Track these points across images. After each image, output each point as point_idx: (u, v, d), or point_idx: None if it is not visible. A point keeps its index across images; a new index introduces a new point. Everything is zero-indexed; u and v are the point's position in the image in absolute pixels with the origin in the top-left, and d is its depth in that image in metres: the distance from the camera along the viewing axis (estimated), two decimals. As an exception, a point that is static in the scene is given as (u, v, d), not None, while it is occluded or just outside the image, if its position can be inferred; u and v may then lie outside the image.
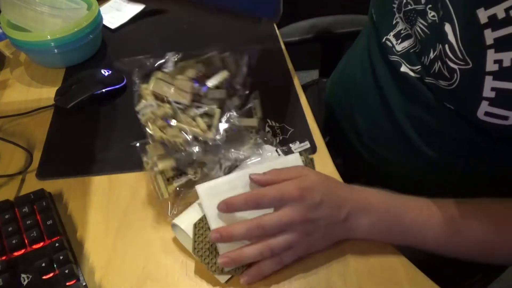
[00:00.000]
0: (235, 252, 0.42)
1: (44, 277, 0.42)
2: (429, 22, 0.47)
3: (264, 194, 0.43)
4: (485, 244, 0.46)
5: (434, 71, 0.46)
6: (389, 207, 0.46)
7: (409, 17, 0.50)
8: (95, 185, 0.53)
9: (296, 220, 0.42)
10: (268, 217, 0.43)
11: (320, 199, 0.43)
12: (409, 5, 0.50)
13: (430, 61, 0.46)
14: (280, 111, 0.64)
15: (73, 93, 0.63)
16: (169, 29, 0.82)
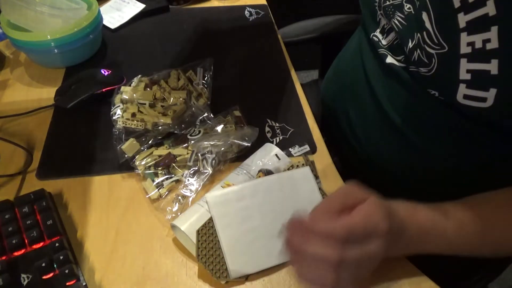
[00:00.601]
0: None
1: (44, 277, 0.42)
2: (405, 14, 0.49)
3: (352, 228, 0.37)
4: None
5: (414, 59, 0.48)
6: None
7: (387, 12, 0.52)
8: (95, 185, 0.53)
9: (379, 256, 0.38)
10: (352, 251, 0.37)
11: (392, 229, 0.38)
12: (388, 1, 0.52)
13: (410, 50, 0.48)
14: (280, 111, 0.64)
15: (73, 93, 0.63)
16: (169, 29, 0.82)
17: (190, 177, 0.53)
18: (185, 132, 0.57)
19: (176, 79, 0.63)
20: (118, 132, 0.56)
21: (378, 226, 0.37)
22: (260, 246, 0.45)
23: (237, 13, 0.87)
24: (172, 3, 0.90)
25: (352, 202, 0.39)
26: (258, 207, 0.47)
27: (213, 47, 0.77)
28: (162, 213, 0.50)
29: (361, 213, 0.37)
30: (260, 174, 0.51)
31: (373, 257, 0.38)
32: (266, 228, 0.46)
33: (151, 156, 0.53)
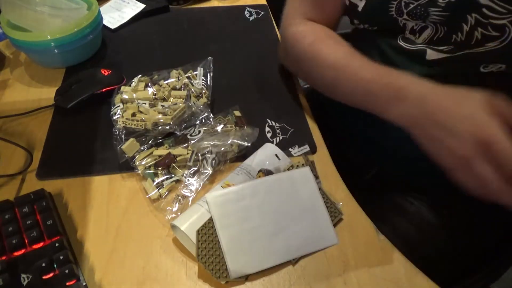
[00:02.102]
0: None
1: (44, 277, 0.42)
2: (442, 6, 0.48)
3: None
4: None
5: (476, 39, 0.47)
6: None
7: (417, 14, 0.50)
8: (95, 185, 0.53)
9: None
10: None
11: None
12: (411, 5, 0.50)
13: (467, 34, 0.47)
14: (280, 111, 0.64)
15: (73, 93, 0.63)
16: (169, 29, 0.82)
17: (190, 177, 0.53)
18: (185, 132, 0.57)
19: (176, 79, 0.63)
20: (118, 132, 0.56)
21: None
22: (260, 246, 0.45)
23: (237, 13, 0.87)
24: (172, 3, 0.90)
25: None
26: (258, 207, 0.47)
27: (213, 47, 0.77)
28: (162, 213, 0.50)
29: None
30: (260, 174, 0.51)
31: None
32: (266, 228, 0.46)
33: (151, 156, 0.53)
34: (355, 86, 0.52)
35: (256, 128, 0.56)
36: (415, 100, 0.45)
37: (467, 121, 0.41)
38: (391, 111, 0.47)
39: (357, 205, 0.52)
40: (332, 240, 0.47)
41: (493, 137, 0.39)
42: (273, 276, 0.45)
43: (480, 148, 0.40)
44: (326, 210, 0.49)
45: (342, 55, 0.55)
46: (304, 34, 0.60)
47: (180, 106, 0.58)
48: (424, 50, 0.53)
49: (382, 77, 0.49)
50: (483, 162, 0.40)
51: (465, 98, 0.43)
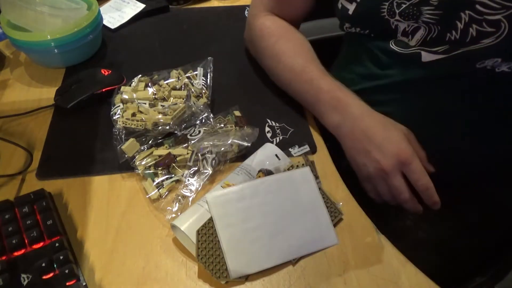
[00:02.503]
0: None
1: (44, 277, 0.42)
2: (435, 4, 0.48)
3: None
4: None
5: (472, 36, 0.47)
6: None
7: (409, 14, 0.51)
8: (95, 185, 0.53)
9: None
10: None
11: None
12: (403, 4, 0.51)
13: (462, 32, 0.48)
14: (280, 111, 0.64)
15: (73, 93, 0.63)
16: (169, 29, 0.82)
17: (190, 177, 0.53)
18: (185, 132, 0.57)
19: (176, 79, 0.63)
20: (118, 132, 0.56)
21: None
22: (260, 246, 0.45)
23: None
24: (172, 3, 0.90)
25: None
26: (258, 207, 0.47)
27: (213, 47, 0.77)
28: (162, 213, 0.50)
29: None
30: (260, 174, 0.51)
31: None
32: (266, 228, 0.46)
33: (151, 156, 0.53)
34: (307, 91, 0.59)
35: (256, 128, 0.56)
36: (354, 116, 0.54)
37: (393, 142, 0.51)
38: (332, 120, 0.56)
39: (357, 205, 0.52)
40: (332, 240, 0.47)
41: (410, 159, 0.49)
42: (273, 276, 0.45)
43: (399, 165, 0.50)
44: (326, 210, 0.49)
45: (301, 61, 0.60)
46: (270, 31, 0.65)
47: (180, 106, 0.58)
48: (418, 53, 0.53)
49: (333, 90, 0.56)
50: (399, 176, 0.50)
51: (392, 125, 0.53)
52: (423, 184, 0.50)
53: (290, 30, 0.65)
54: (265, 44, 0.65)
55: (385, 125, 0.53)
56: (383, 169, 0.50)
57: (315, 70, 0.59)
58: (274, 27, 0.65)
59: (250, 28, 0.69)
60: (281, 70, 0.63)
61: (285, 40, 0.63)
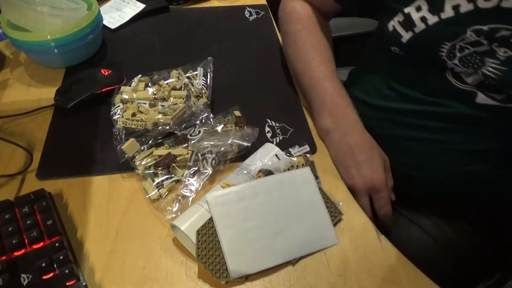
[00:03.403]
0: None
1: (44, 277, 0.42)
2: (502, 59, 0.45)
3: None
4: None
5: None
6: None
7: (470, 62, 0.48)
8: (95, 185, 0.53)
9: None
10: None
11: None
12: (466, 50, 0.47)
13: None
14: (280, 111, 0.64)
15: (73, 93, 0.63)
16: (169, 29, 0.82)
17: (190, 177, 0.53)
18: (185, 132, 0.57)
19: (176, 79, 0.63)
20: (118, 132, 0.56)
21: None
22: (260, 246, 0.45)
23: (237, 13, 0.87)
24: (172, 3, 0.90)
25: None
26: (258, 207, 0.47)
27: (213, 47, 0.77)
28: (162, 213, 0.50)
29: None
30: (260, 174, 0.51)
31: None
32: (266, 228, 0.46)
33: (151, 156, 0.53)
34: (313, 87, 0.61)
35: (256, 128, 0.56)
36: (346, 128, 0.56)
37: (372, 166, 0.53)
38: (323, 122, 0.58)
39: (357, 205, 0.52)
40: (332, 240, 0.47)
41: (381, 187, 0.53)
42: (273, 276, 0.45)
43: (369, 189, 0.53)
44: (326, 210, 0.49)
45: (316, 57, 0.62)
46: (297, 17, 0.66)
47: (180, 106, 0.58)
48: (475, 92, 0.50)
49: (336, 95, 0.58)
50: (365, 197, 0.54)
51: (377, 149, 0.55)
52: (385, 212, 0.54)
53: (316, 22, 0.65)
54: (289, 29, 0.67)
55: (371, 147, 0.55)
56: (355, 186, 0.54)
57: (326, 70, 0.60)
58: (302, 14, 0.66)
59: (282, 7, 0.70)
60: (296, 60, 0.65)
61: (307, 31, 0.64)
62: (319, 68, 0.61)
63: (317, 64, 0.61)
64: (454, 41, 0.47)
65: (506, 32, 0.44)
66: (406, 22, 0.51)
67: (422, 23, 0.49)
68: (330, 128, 0.57)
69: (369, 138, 0.56)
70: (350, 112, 0.57)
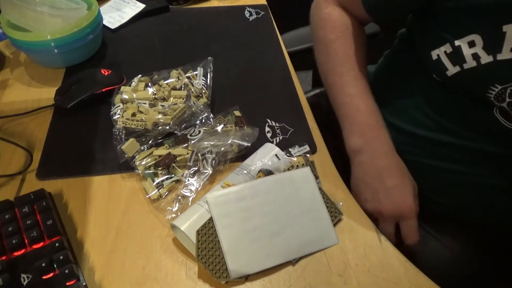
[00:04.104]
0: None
1: (44, 277, 0.42)
2: None
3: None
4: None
5: None
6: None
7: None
8: (95, 185, 0.53)
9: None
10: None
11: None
12: (510, 87, 0.44)
13: None
14: (280, 111, 0.64)
15: (73, 93, 0.63)
16: (169, 29, 0.82)
17: (190, 177, 0.53)
18: (185, 132, 0.57)
19: (176, 79, 0.63)
20: (118, 132, 0.56)
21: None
22: (260, 246, 0.45)
23: (237, 13, 0.87)
24: (172, 3, 0.90)
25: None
26: (258, 207, 0.47)
27: (213, 47, 0.77)
28: (162, 213, 0.50)
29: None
30: (260, 174, 0.51)
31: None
32: (266, 228, 0.46)
33: (151, 156, 0.53)
34: (344, 103, 0.58)
35: (256, 128, 0.56)
36: (377, 152, 0.54)
37: (402, 193, 0.51)
38: (354, 142, 0.56)
39: (357, 205, 0.52)
40: (332, 240, 0.47)
41: (411, 214, 0.51)
42: (273, 276, 0.45)
43: (397, 216, 0.51)
44: (326, 210, 0.49)
45: (351, 72, 0.59)
46: (333, 25, 0.61)
47: (180, 106, 0.58)
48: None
49: (369, 115, 0.56)
50: (392, 224, 0.52)
51: (408, 176, 0.53)
52: (412, 240, 0.52)
53: (352, 31, 0.61)
54: (323, 37, 0.63)
55: (402, 173, 0.53)
56: (381, 212, 0.51)
57: (360, 86, 0.58)
58: (338, 22, 0.61)
59: (315, 12, 0.66)
60: (329, 71, 0.61)
61: (343, 42, 0.60)
62: (353, 84, 0.58)
63: (351, 80, 0.58)
64: (507, 85, 0.44)
65: None
66: (455, 56, 0.47)
67: (474, 61, 0.45)
68: (359, 149, 0.55)
69: (401, 163, 0.54)
70: (383, 134, 0.55)
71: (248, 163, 0.53)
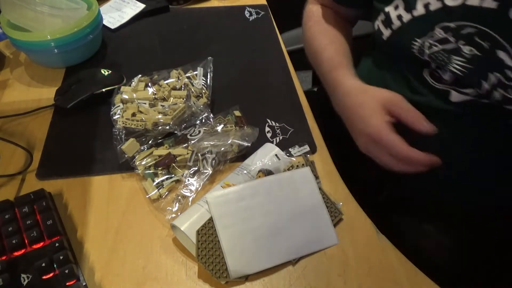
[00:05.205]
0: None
1: (44, 277, 0.42)
2: (468, 57, 0.46)
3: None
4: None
5: (494, 98, 0.46)
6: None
7: (438, 58, 0.49)
8: (95, 185, 0.53)
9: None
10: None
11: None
12: (434, 47, 0.49)
13: (487, 91, 0.46)
14: (280, 111, 0.64)
15: (73, 93, 0.63)
16: (169, 29, 0.82)
17: (190, 177, 0.53)
18: (185, 132, 0.57)
19: (176, 79, 0.63)
20: (118, 132, 0.56)
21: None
22: (260, 246, 0.45)
23: (237, 13, 0.87)
24: (172, 3, 0.90)
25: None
26: (258, 207, 0.47)
27: (213, 47, 0.77)
28: (162, 213, 0.50)
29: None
30: (260, 174, 0.51)
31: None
32: (266, 229, 0.46)
33: (151, 156, 0.53)
34: (323, 74, 0.61)
35: (256, 128, 0.56)
36: (341, 96, 0.55)
37: (361, 124, 0.50)
38: (333, 99, 0.58)
39: (357, 205, 0.52)
40: (332, 240, 0.47)
41: (377, 136, 0.47)
42: (273, 276, 0.45)
43: (372, 142, 0.49)
44: (326, 210, 0.49)
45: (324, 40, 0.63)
46: (310, 16, 0.69)
47: (180, 106, 0.58)
48: (448, 91, 0.51)
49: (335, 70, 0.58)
50: (376, 149, 0.49)
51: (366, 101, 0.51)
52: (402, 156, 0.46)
53: (327, 19, 0.67)
54: (305, 26, 0.70)
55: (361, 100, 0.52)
56: (362, 149, 0.51)
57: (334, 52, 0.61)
58: (316, 13, 0.68)
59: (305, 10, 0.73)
60: (311, 52, 0.66)
61: (317, 24, 0.66)
62: (327, 52, 0.61)
63: (326, 47, 0.62)
64: (424, 37, 0.50)
65: (471, 29, 0.45)
66: (386, 21, 0.54)
67: (398, 21, 0.52)
68: (335, 102, 0.57)
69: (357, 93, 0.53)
70: (346, 81, 0.56)
71: (248, 163, 0.53)
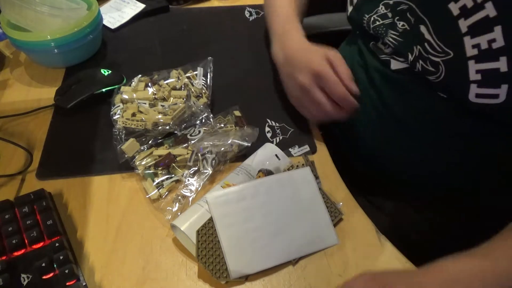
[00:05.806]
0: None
1: (44, 277, 0.42)
2: (400, 31, 0.52)
3: None
4: None
5: (418, 69, 0.50)
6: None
7: (378, 31, 0.55)
8: (95, 185, 0.53)
9: None
10: None
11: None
12: (377, 21, 0.55)
13: (411, 63, 0.51)
14: (280, 111, 0.64)
15: (73, 93, 0.63)
16: (169, 29, 0.82)
17: (190, 177, 0.53)
18: (185, 132, 0.57)
19: (176, 79, 0.63)
20: (118, 132, 0.56)
21: None
22: (260, 246, 0.45)
23: (237, 13, 0.87)
24: (172, 3, 0.90)
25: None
26: (258, 207, 0.47)
27: (213, 47, 0.77)
28: (162, 213, 0.50)
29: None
30: (260, 174, 0.51)
31: None
32: (266, 228, 0.46)
33: (151, 156, 0.53)
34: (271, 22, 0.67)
35: (256, 128, 0.56)
36: (281, 44, 0.61)
37: (306, 61, 0.54)
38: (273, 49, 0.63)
39: (357, 205, 0.52)
40: (332, 240, 0.47)
41: (322, 71, 0.52)
42: (273, 276, 0.45)
43: (314, 79, 0.53)
44: (326, 210, 0.49)
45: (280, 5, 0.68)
46: None
47: (180, 106, 0.58)
48: (388, 60, 0.55)
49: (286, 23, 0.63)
50: (317, 90, 0.53)
51: (314, 51, 0.56)
52: (339, 94, 0.52)
53: None
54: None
55: (306, 50, 0.57)
56: (303, 85, 0.54)
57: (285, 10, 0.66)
58: None
59: None
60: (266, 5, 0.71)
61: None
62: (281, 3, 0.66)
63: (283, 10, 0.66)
64: (371, 13, 0.56)
65: (404, 6, 0.51)
66: (350, 0, 0.61)
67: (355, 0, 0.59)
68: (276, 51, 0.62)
69: (305, 45, 0.58)
70: (294, 32, 0.61)
71: (248, 163, 0.53)
